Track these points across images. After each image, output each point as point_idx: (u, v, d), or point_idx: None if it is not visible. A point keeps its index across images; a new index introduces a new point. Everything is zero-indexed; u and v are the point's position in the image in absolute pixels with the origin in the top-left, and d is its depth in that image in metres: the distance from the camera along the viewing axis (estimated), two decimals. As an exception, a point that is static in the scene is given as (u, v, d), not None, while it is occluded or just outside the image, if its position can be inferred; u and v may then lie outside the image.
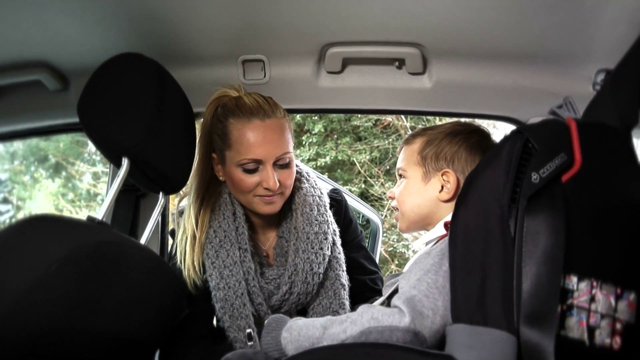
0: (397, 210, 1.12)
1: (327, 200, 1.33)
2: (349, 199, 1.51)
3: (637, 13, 1.02)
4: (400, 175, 1.12)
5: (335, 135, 6.99)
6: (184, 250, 1.25)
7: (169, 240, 1.44)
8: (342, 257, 1.32)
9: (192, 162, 1.18)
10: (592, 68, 1.22)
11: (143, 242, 1.10)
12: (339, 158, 6.83)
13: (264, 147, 1.17)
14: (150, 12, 1.14)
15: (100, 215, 0.91)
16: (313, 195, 1.30)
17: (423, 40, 1.24)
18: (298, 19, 1.18)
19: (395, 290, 0.93)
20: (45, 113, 1.43)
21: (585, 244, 0.75)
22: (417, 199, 1.07)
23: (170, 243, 1.39)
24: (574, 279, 0.73)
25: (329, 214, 1.31)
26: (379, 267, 1.50)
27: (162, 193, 1.14)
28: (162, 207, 1.15)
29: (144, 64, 1.01)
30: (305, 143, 6.84)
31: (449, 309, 0.79)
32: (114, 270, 0.86)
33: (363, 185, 6.79)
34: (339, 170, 6.97)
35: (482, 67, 1.30)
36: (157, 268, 0.98)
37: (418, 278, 0.89)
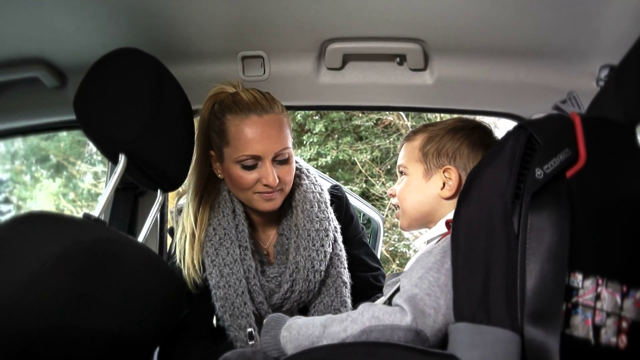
0: (397, 208, 1.11)
1: (327, 197, 1.32)
2: (350, 198, 1.50)
3: (641, 7, 1.02)
4: (401, 172, 1.11)
5: (336, 135, 6.99)
6: (184, 249, 1.24)
7: (168, 239, 1.43)
8: (343, 254, 1.31)
9: (190, 159, 1.17)
10: (595, 63, 1.21)
11: (141, 240, 1.09)
12: (340, 158, 6.84)
13: (262, 142, 1.16)
14: (149, 7, 1.13)
15: (97, 213, 0.91)
16: (313, 192, 1.29)
17: (424, 36, 1.23)
18: (298, 14, 1.17)
19: (397, 290, 0.92)
20: (44, 110, 1.43)
21: (590, 241, 0.75)
22: (418, 196, 1.06)
23: (169, 242, 1.38)
24: (579, 277, 0.73)
25: (330, 211, 1.30)
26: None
27: (160, 190, 1.13)
28: (160, 204, 1.14)
29: (141, 59, 1.00)
30: (306, 143, 6.84)
31: (451, 308, 0.79)
32: (110, 268, 0.86)
33: (364, 185, 6.79)
34: (340, 170, 6.97)
35: (484, 63, 1.29)
36: (154, 266, 0.97)
37: (420, 276, 0.88)
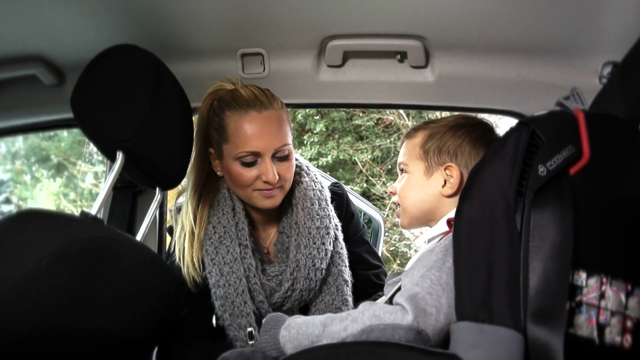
0: (398, 206, 1.10)
1: (328, 194, 1.31)
2: (351, 197, 1.49)
3: (645, 4, 1.01)
4: (402, 170, 1.10)
5: (337, 135, 7.00)
6: (183, 248, 1.23)
7: (167, 238, 1.42)
8: (344, 252, 1.30)
9: (189, 157, 1.16)
10: (598, 60, 1.20)
11: (139, 238, 1.08)
12: (341, 157, 6.84)
13: (262, 139, 1.15)
14: (148, 4, 1.13)
15: (94, 211, 0.90)
16: (314, 189, 1.28)
17: (425, 33, 1.22)
18: (298, 11, 1.16)
19: (399, 289, 0.91)
20: (42, 108, 1.42)
21: (594, 239, 0.74)
22: (419, 194, 1.05)
23: (169, 240, 1.38)
24: (583, 275, 0.72)
25: (331, 208, 1.29)
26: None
27: (158, 188, 1.12)
28: (158, 202, 1.14)
29: (139, 56, 1.00)
30: (307, 142, 6.84)
31: (453, 307, 0.78)
32: (107, 266, 0.85)
33: (365, 185, 6.79)
34: (341, 170, 6.97)
35: (485, 59, 1.28)
36: (152, 264, 0.96)
37: (421, 275, 0.87)
